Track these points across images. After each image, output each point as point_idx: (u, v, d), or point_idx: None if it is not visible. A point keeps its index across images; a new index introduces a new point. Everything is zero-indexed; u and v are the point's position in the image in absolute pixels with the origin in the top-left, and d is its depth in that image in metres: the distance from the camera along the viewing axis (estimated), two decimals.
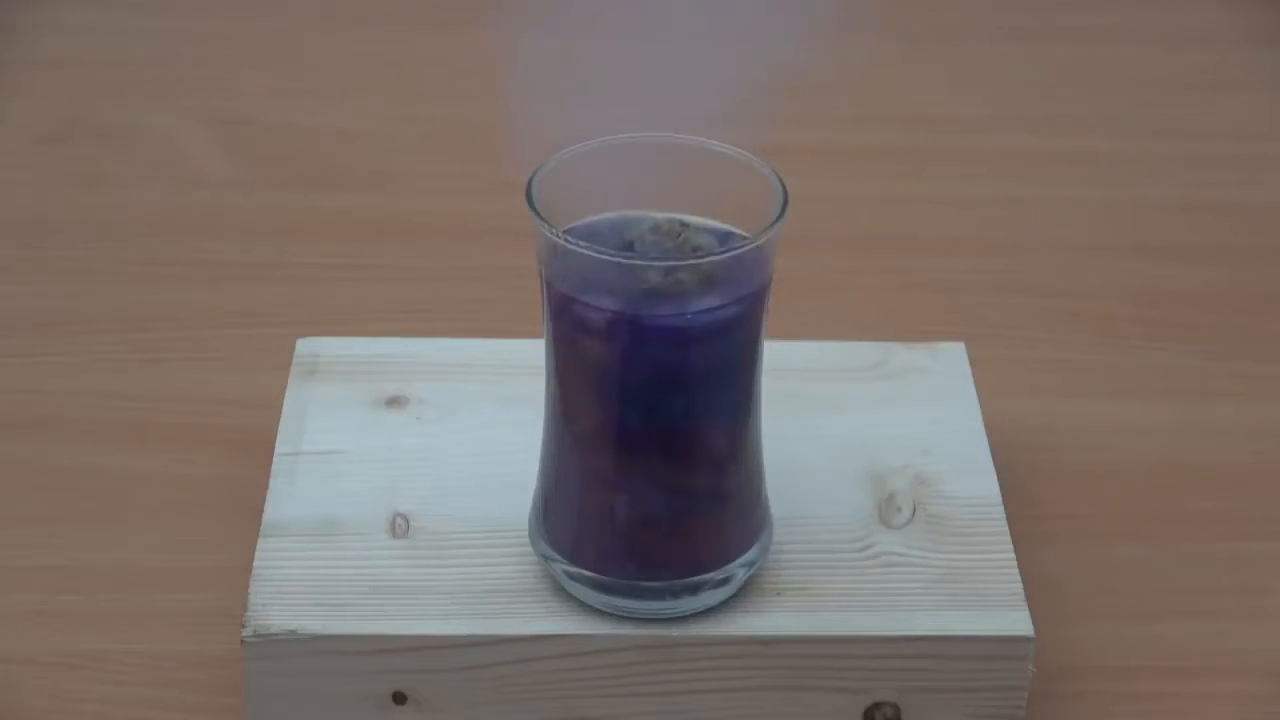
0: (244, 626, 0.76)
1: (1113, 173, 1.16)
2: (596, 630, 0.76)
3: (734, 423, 0.75)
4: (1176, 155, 1.18)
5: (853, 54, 1.26)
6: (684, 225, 0.73)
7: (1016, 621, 0.77)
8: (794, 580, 0.79)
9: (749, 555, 0.77)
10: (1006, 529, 0.81)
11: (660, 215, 0.74)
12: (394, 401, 0.87)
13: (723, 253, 0.71)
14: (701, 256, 0.71)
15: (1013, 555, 0.80)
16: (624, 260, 0.71)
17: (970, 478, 0.83)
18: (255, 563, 0.79)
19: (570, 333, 0.73)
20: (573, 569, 0.77)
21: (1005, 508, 0.82)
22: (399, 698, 0.77)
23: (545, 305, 0.74)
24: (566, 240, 0.71)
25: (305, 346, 0.90)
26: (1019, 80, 1.25)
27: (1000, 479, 0.84)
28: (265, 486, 0.82)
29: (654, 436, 0.74)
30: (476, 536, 0.80)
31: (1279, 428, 0.96)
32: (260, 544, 0.80)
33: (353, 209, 1.11)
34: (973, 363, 0.89)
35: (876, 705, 0.78)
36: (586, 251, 0.70)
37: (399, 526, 0.81)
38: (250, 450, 0.89)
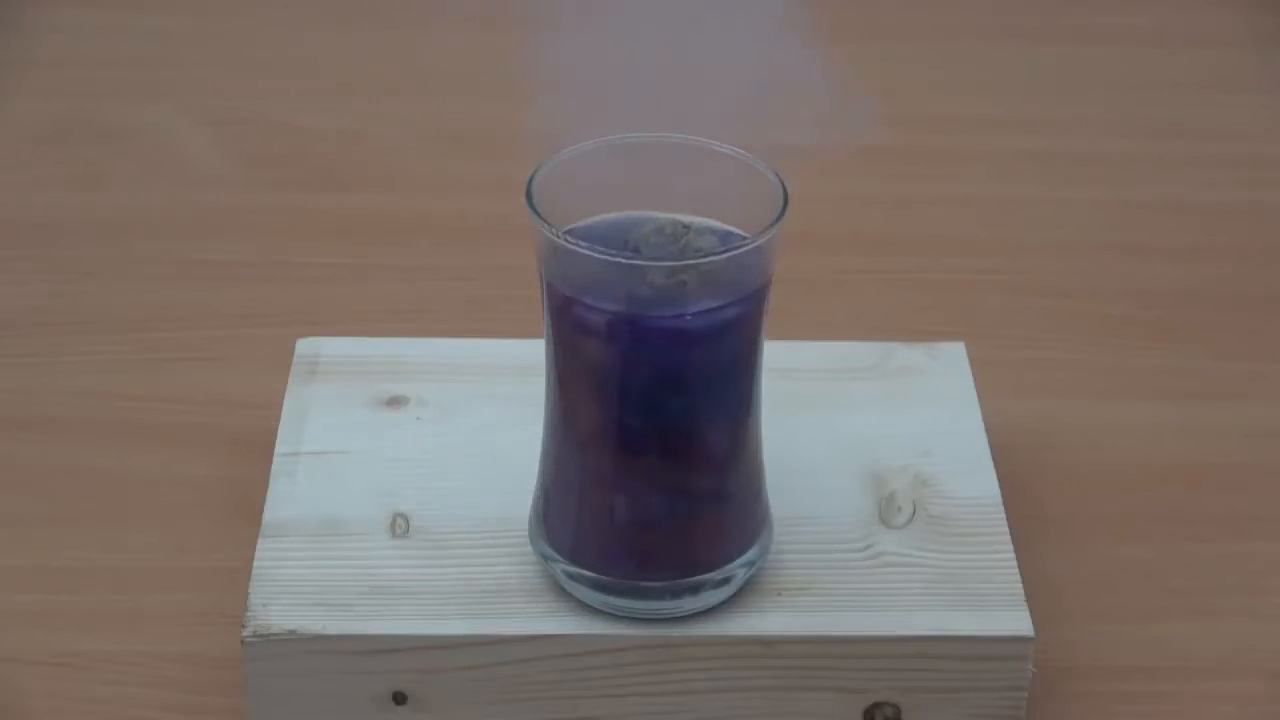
0: (244, 626, 0.76)
1: (1113, 173, 1.16)
2: (596, 630, 0.76)
3: (734, 423, 0.75)
4: (1176, 155, 1.18)
5: (852, 54, 1.26)
6: (686, 228, 0.73)
7: (1016, 621, 0.77)
8: (794, 580, 0.79)
9: (749, 555, 0.77)
10: (1006, 529, 0.81)
11: (663, 216, 0.74)
12: (394, 401, 0.87)
13: (723, 253, 0.71)
14: (701, 257, 0.71)
15: (1013, 555, 0.80)
16: (625, 261, 0.71)
17: (970, 478, 0.83)
18: (255, 563, 0.79)
19: (570, 333, 0.73)
20: (573, 569, 0.77)
21: (1005, 508, 0.82)
22: (399, 698, 0.77)
23: (545, 306, 0.74)
24: (567, 240, 0.71)
25: (305, 346, 0.90)
26: (1019, 80, 1.25)
27: (1000, 479, 0.84)
28: (265, 486, 0.82)
29: (654, 437, 0.74)
30: (476, 536, 0.80)
31: (1279, 428, 0.96)
32: (260, 544, 0.80)
33: (353, 209, 1.11)
34: (973, 363, 0.89)
35: (876, 705, 0.78)
36: (587, 252, 0.70)
37: (399, 526, 0.81)
38: (250, 450, 0.89)
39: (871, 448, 0.85)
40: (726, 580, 0.77)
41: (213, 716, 0.80)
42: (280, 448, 0.84)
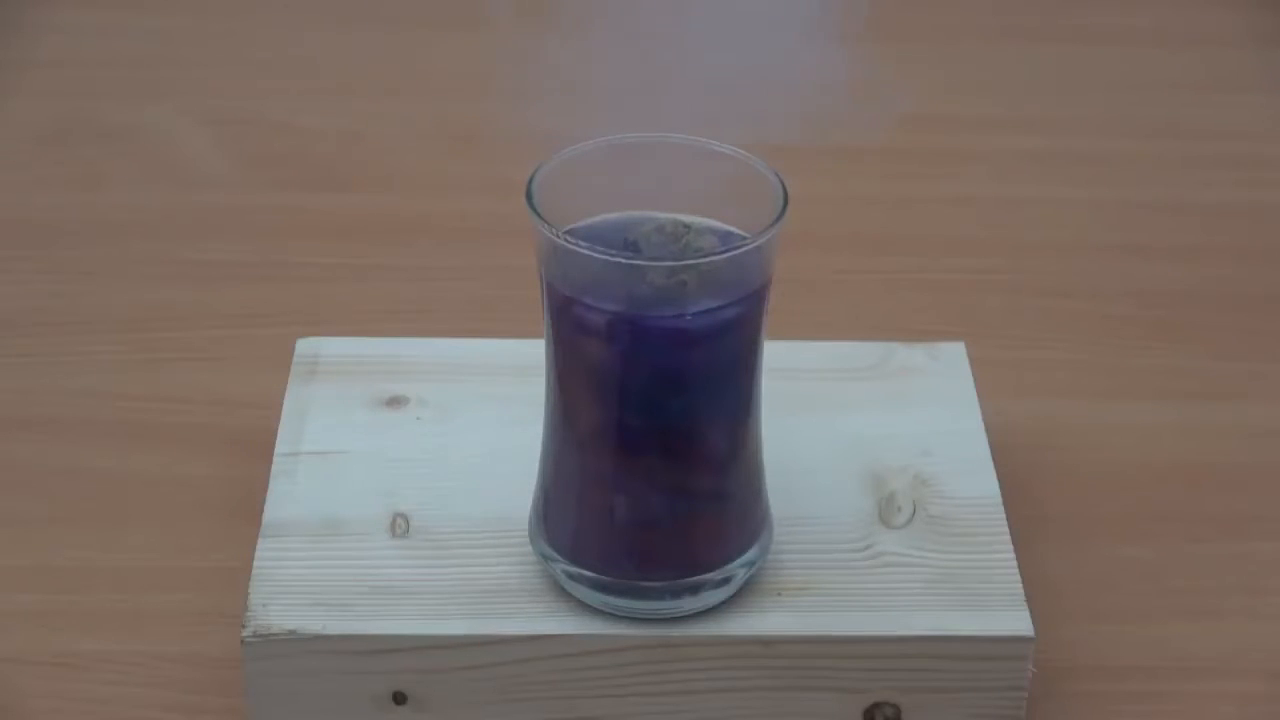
0: (244, 626, 0.76)
1: (1113, 173, 1.16)
2: (596, 630, 0.76)
3: (734, 423, 0.75)
4: (1176, 155, 1.18)
5: (852, 54, 1.26)
6: (686, 227, 0.73)
7: (1016, 621, 0.77)
8: (794, 580, 0.79)
9: (749, 555, 0.77)
10: (1006, 529, 0.81)
11: (664, 216, 0.74)
12: (394, 401, 0.87)
13: (723, 253, 0.71)
14: (701, 257, 0.71)
15: (1013, 555, 0.80)
16: (625, 260, 0.71)
17: (970, 478, 0.83)
18: (255, 563, 0.79)
19: (570, 333, 0.73)
20: (573, 569, 0.77)
21: (1005, 508, 0.82)
22: (399, 698, 0.77)
23: (545, 306, 0.74)
24: (567, 240, 0.71)
25: (305, 346, 0.90)
26: (1019, 80, 1.25)
27: (1000, 479, 0.84)
28: (265, 486, 0.82)
29: (654, 436, 0.74)
30: (476, 536, 0.80)
31: (1279, 428, 0.96)
32: (260, 544, 0.80)
33: (353, 209, 1.11)
34: (973, 363, 0.89)
35: (876, 705, 0.78)
36: (587, 252, 0.70)
37: (399, 526, 0.81)
38: (250, 450, 0.89)
39: (871, 448, 0.85)
40: (726, 580, 0.77)
41: (213, 716, 0.80)
42: (280, 448, 0.84)
